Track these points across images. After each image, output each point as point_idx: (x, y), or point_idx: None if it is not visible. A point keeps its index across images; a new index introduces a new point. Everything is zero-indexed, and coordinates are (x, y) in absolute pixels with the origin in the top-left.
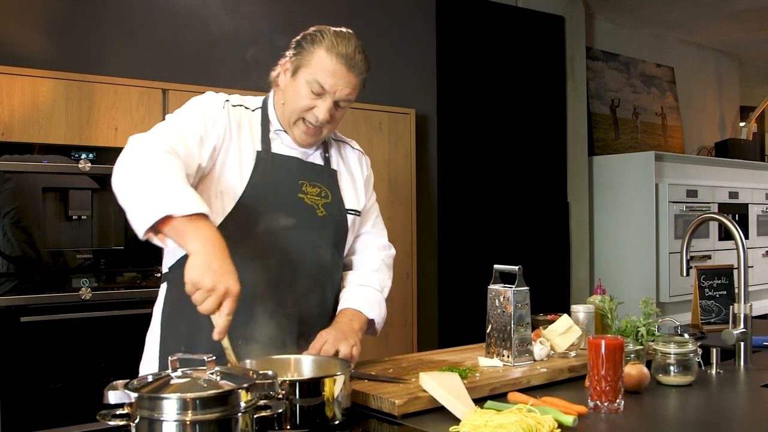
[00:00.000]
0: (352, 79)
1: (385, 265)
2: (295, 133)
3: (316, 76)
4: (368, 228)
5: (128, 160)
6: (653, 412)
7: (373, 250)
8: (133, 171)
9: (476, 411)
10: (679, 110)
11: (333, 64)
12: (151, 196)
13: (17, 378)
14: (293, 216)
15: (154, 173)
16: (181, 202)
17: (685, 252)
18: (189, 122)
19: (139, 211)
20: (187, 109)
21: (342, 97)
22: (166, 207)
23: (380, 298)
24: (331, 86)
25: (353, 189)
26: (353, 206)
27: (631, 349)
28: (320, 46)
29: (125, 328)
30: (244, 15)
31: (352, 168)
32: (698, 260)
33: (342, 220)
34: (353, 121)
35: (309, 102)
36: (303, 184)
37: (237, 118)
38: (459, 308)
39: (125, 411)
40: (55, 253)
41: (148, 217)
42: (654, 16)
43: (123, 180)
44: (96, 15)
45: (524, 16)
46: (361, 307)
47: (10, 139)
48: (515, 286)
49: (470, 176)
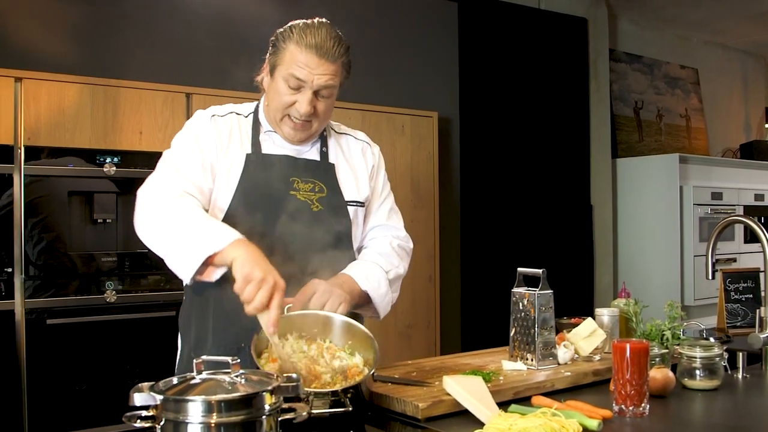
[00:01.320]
0: (328, 66)
1: (394, 250)
2: (284, 131)
3: (290, 70)
4: (382, 220)
5: (149, 216)
6: (679, 417)
7: (385, 238)
8: (158, 225)
9: (500, 414)
10: (704, 112)
11: (304, 56)
12: (185, 243)
13: (44, 379)
14: (287, 213)
15: (178, 222)
16: (216, 237)
17: (710, 255)
18: (186, 155)
19: (180, 260)
20: (181, 140)
21: (321, 85)
22: (204, 248)
23: (381, 275)
24: (306, 77)
25: (354, 180)
26: (354, 198)
27: (656, 352)
28: (290, 41)
29: (149, 331)
30: (268, 19)
31: (353, 160)
32: (723, 263)
33: (342, 213)
34: (376, 123)
35: (289, 98)
36: (295, 181)
37: (227, 128)
38: (482, 311)
39: (150, 413)
40: (81, 256)
41: (191, 263)
42: (678, 16)
43: (152, 236)
44: (120, 21)
45: (547, 18)
46: (356, 276)
47: (36, 143)
48: (539, 289)
49: (493, 179)
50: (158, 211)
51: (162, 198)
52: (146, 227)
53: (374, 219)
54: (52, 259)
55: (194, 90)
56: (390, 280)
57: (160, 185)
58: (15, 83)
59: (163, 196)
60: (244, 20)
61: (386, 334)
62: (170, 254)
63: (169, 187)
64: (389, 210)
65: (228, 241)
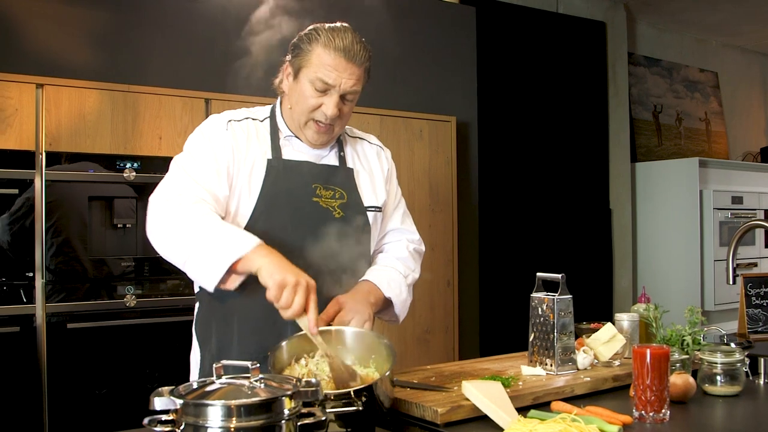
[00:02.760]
0: (355, 69)
1: (411, 254)
2: (308, 134)
3: (318, 73)
4: (397, 224)
5: (164, 224)
6: (699, 423)
7: (401, 242)
8: (175, 234)
9: (519, 420)
10: (724, 115)
11: (332, 59)
12: (207, 251)
13: (64, 383)
14: (311, 221)
15: (197, 229)
16: (238, 243)
17: (731, 259)
18: (200, 161)
19: (203, 269)
20: (195, 145)
21: (347, 89)
22: (228, 255)
23: (401, 281)
24: (334, 80)
25: (371, 185)
26: (372, 203)
27: (676, 358)
28: (317, 44)
29: (169, 335)
30: (287, 25)
31: (370, 164)
32: (744, 268)
33: (362, 219)
34: (394, 128)
35: (315, 101)
36: (317, 188)
37: (244, 133)
38: (500, 316)
39: (170, 417)
40: (101, 261)
41: (216, 271)
42: (696, 20)
43: (168, 245)
44: (140, 27)
45: (565, 22)
46: (379, 283)
47: (57, 149)
48: (558, 294)
49: (511, 183)
50: (174, 220)
51: (176, 205)
52: (161, 236)
53: (390, 223)
54: (72, 263)
55: (213, 96)
56: (408, 285)
57: (173, 192)
58: (36, 89)
59: (177, 203)
60: (262, 26)
61: (405, 339)
62: (191, 263)
63: (182, 193)
64: (403, 213)
65: (251, 246)
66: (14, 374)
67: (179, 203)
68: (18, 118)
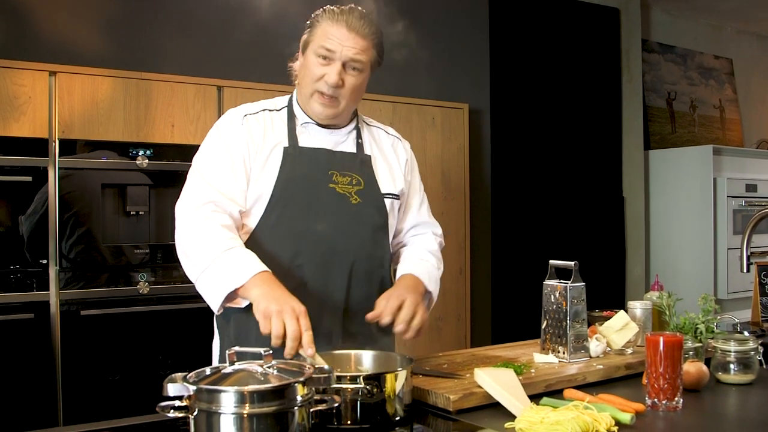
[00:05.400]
0: (358, 40)
1: (439, 248)
2: (314, 108)
3: (321, 42)
4: (425, 217)
5: (181, 242)
6: (713, 411)
7: (428, 235)
8: (187, 255)
9: (532, 407)
10: (738, 102)
11: (335, 29)
12: (210, 278)
13: (78, 369)
14: (327, 207)
15: (204, 254)
16: (237, 272)
17: (745, 247)
18: (215, 162)
19: (206, 293)
20: (210, 144)
21: (349, 56)
22: (227, 284)
23: (437, 275)
24: (335, 47)
25: (389, 173)
26: (390, 190)
27: (689, 346)
28: (324, 19)
29: (182, 322)
30: (299, 12)
31: (386, 153)
32: (758, 256)
33: (379, 205)
34: (406, 115)
35: (319, 69)
36: (333, 174)
37: (261, 126)
38: (512, 303)
39: (184, 403)
40: (114, 248)
41: (216, 298)
42: (711, 5)
43: (184, 265)
44: (152, 14)
45: (578, 8)
46: (422, 276)
47: (70, 136)
48: (571, 282)
49: (524, 171)
50: (187, 241)
51: (192, 222)
52: (179, 254)
53: (416, 216)
54: (85, 251)
55: (226, 83)
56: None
57: (191, 205)
58: (49, 77)
59: (194, 219)
60: (275, 13)
61: None
62: (198, 286)
63: (199, 204)
64: (427, 208)
65: (247, 277)
66: (29, 361)
67: (194, 222)
68: (31, 106)
